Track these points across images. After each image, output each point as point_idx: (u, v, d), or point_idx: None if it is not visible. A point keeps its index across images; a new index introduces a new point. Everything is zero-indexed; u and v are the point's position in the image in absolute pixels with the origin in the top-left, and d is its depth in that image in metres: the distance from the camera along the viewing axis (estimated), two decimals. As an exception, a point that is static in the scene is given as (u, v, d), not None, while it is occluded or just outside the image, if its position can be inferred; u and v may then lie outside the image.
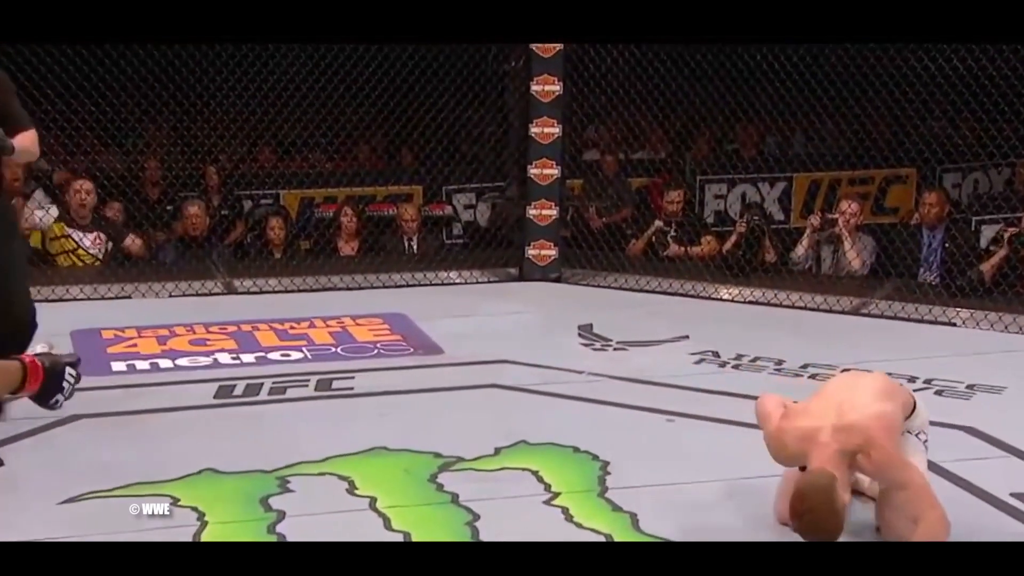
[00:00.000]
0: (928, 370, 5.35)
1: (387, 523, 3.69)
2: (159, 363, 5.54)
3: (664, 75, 7.46)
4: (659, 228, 7.95)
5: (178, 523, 3.64)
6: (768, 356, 5.63)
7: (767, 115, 7.83)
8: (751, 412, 4.64)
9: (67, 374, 3.60)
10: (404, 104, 8.13)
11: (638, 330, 6.18)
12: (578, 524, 3.68)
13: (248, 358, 5.63)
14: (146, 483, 3.90)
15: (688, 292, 7.22)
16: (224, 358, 5.62)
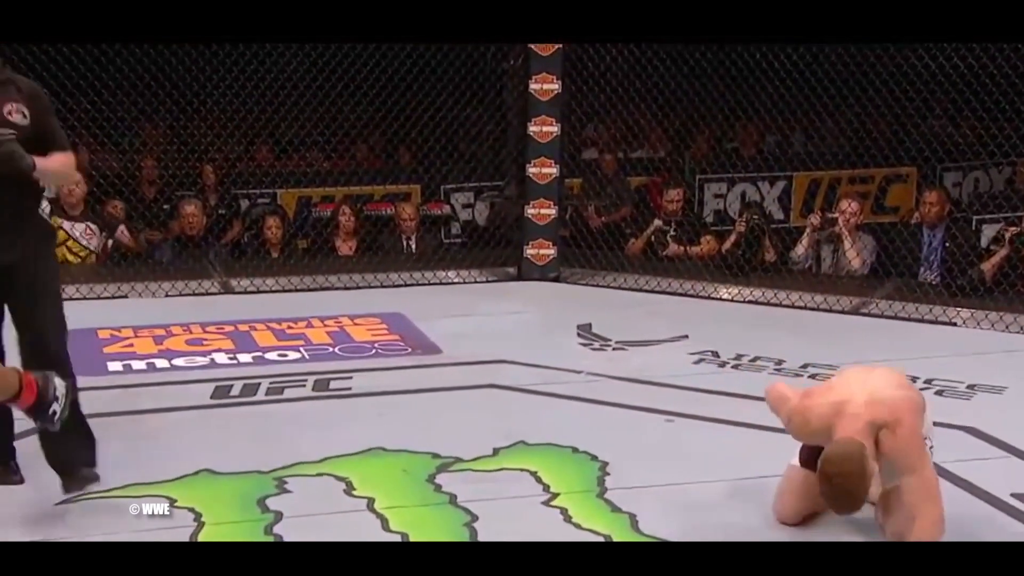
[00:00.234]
0: (928, 370, 5.34)
1: (385, 524, 3.68)
2: (155, 363, 5.52)
3: (663, 73, 7.45)
4: (658, 227, 7.92)
5: (175, 524, 3.64)
6: (768, 356, 5.62)
7: (767, 114, 7.81)
8: (751, 412, 4.66)
9: (57, 391, 3.53)
10: (402, 103, 8.11)
11: (637, 330, 6.16)
12: (577, 525, 3.67)
13: (245, 358, 5.61)
14: (143, 484, 3.89)
15: (687, 292, 7.20)
16: (221, 358, 5.60)
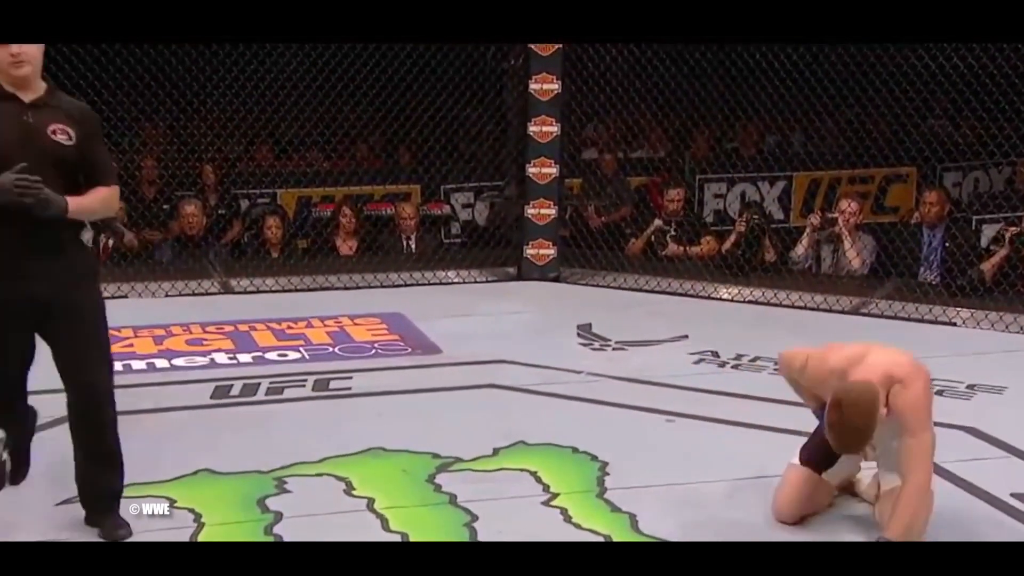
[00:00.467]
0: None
1: (385, 524, 3.68)
2: (155, 363, 5.52)
3: (663, 73, 7.44)
4: (658, 227, 7.92)
5: (175, 524, 3.64)
6: (768, 356, 5.59)
7: (767, 113, 7.80)
8: (751, 412, 4.67)
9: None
10: (402, 103, 8.10)
11: (637, 330, 6.16)
12: (577, 525, 3.67)
13: (245, 358, 5.61)
14: (143, 484, 3.87)
15: (687, 292, 7.21)
16: (221, 358, 5.60)
